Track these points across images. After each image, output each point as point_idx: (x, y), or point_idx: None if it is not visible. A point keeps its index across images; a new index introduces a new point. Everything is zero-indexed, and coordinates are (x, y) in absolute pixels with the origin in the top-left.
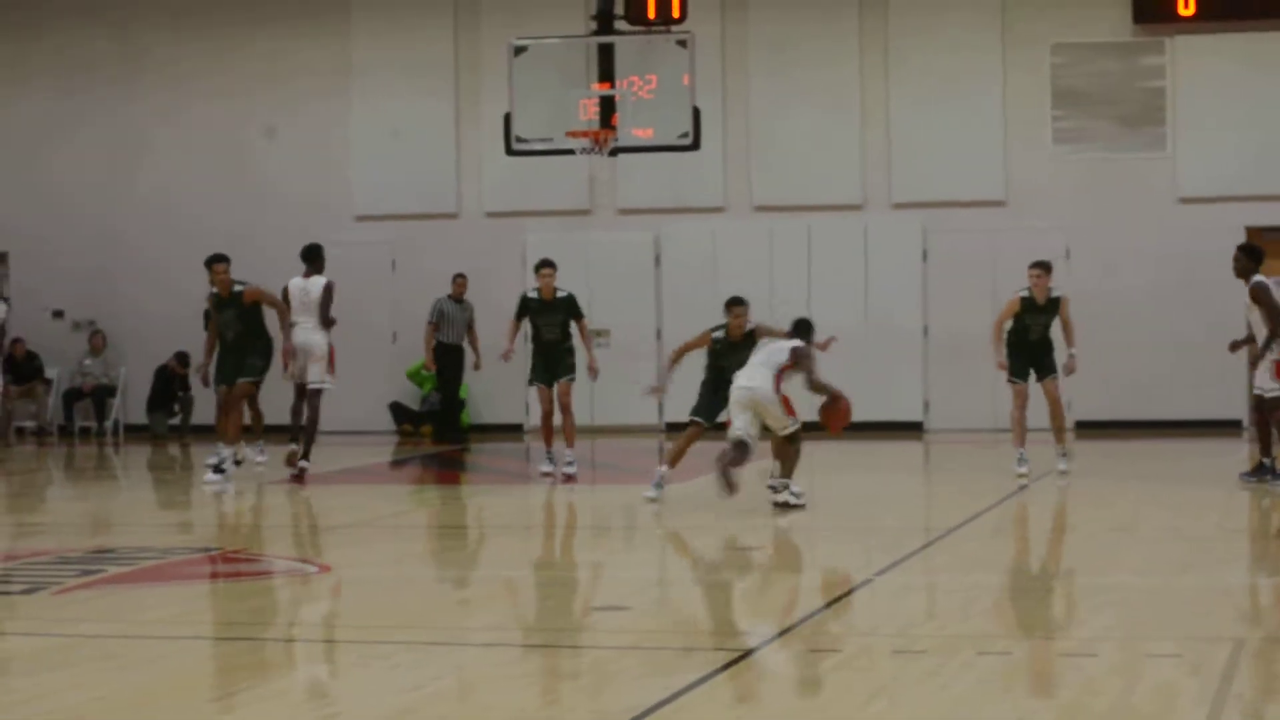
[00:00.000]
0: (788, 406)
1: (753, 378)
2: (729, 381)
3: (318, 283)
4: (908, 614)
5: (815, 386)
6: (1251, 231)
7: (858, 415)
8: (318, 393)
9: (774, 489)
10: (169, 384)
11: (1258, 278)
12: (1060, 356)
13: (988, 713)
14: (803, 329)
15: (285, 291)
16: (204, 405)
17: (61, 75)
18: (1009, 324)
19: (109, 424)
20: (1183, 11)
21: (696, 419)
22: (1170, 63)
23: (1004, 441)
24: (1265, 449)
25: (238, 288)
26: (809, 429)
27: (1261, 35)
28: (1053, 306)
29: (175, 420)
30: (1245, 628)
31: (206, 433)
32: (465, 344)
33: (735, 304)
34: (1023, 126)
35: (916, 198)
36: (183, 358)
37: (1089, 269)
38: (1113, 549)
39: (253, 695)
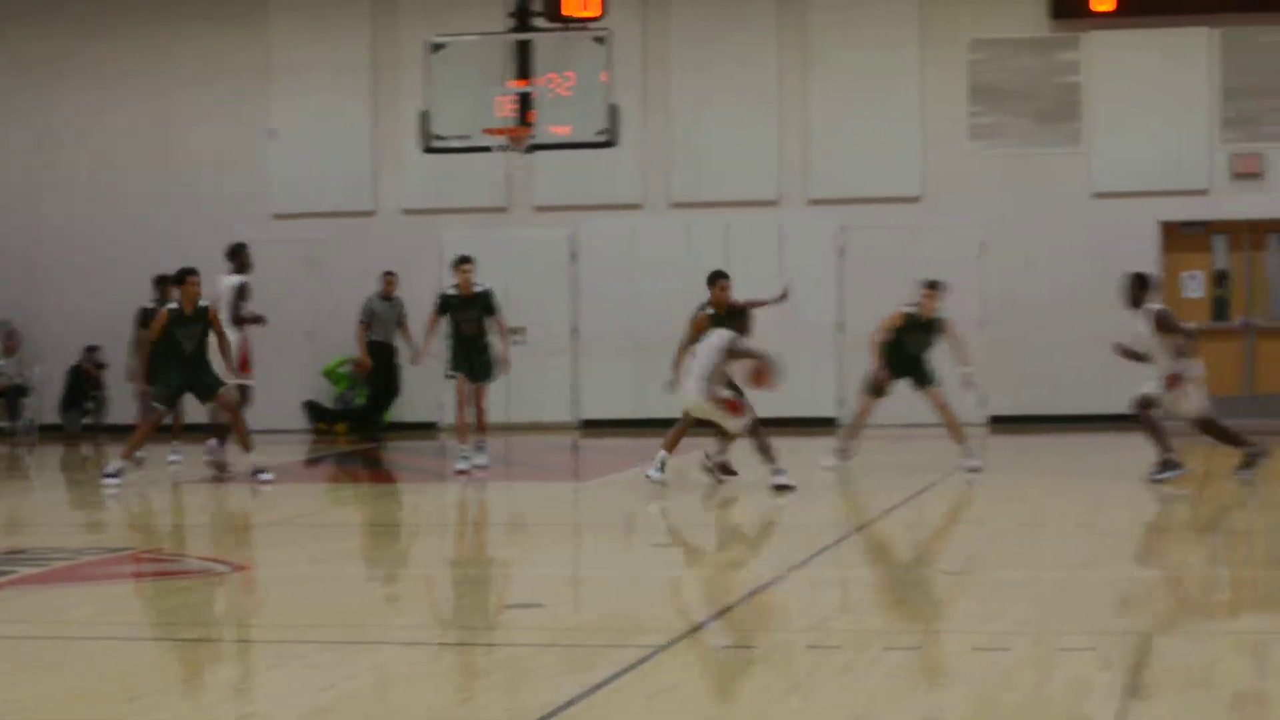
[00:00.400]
0: (733, 408)
1: (688, 389)
2: None
3: (230, 281)
4: (821, 609)
5: (749, 357)
6: (1166, 226)
7: (773, 411)
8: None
9: (709, 466)
10: (82, 383)
11: (1158, 305)
12: (946, 367)
13: (901, 707)
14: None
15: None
16: (118, 405)
17: None
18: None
19: (21, 423)
20: (1098, 7)
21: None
22: (1086, 58)
23: (919, 436)
24: (1164, 446)
25: (203, 304)
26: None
27: (1176, 30)
28: (934, 326)
29: (89, 419)
30: (1155, 621)
31: (121, 432)
32: (397, 342)
33: (719, 276)
34: (939, 123)
35: (833, 194)
36: (93, 353)
37: (1005, 264)
38: (1024, 543)
39: (169, 696)
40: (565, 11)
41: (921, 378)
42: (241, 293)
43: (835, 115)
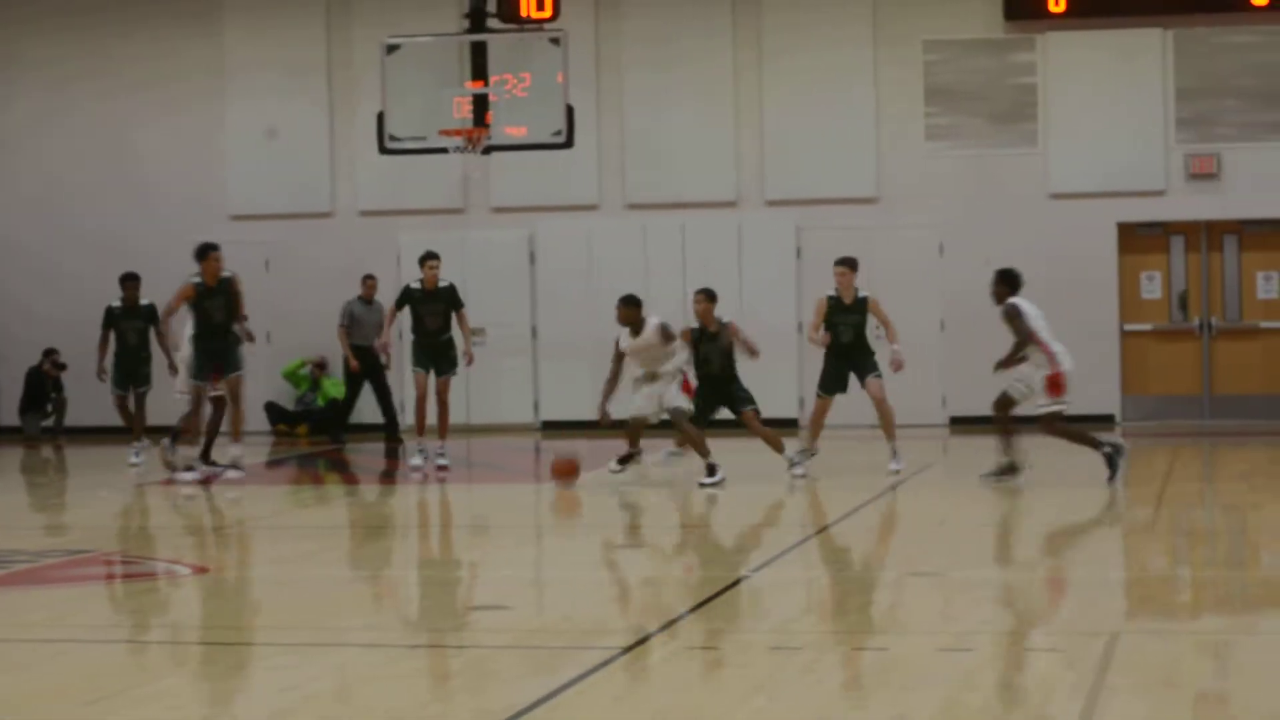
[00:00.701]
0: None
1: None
2: (712, 375)
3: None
4: (784, 610)
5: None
6: (1123, 227)
7: (731, 413)
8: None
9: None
10: (41, 385)
11: (1011, 300)
12: (884, 358)
13: (865, 708)
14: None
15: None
16: (77, 407)
17: None
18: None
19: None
20: (1053, 8)
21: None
22: (1041, 59)
23: (881, 437)
24: (1008, 446)
25: (225, 274)
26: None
27: (1131, 31)
28: (860, 306)
29: (48, 422)
30: (1120, 621)
31: (79, 435)
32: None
33: (697, 292)
34: (895, 123)
35: (790, 195)
36: (52, 356)
37: (962, 266)
38: (987, 544)
39: (130, 699)
40: (521, 13)
41: (863, 369)
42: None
43: (791, 116)
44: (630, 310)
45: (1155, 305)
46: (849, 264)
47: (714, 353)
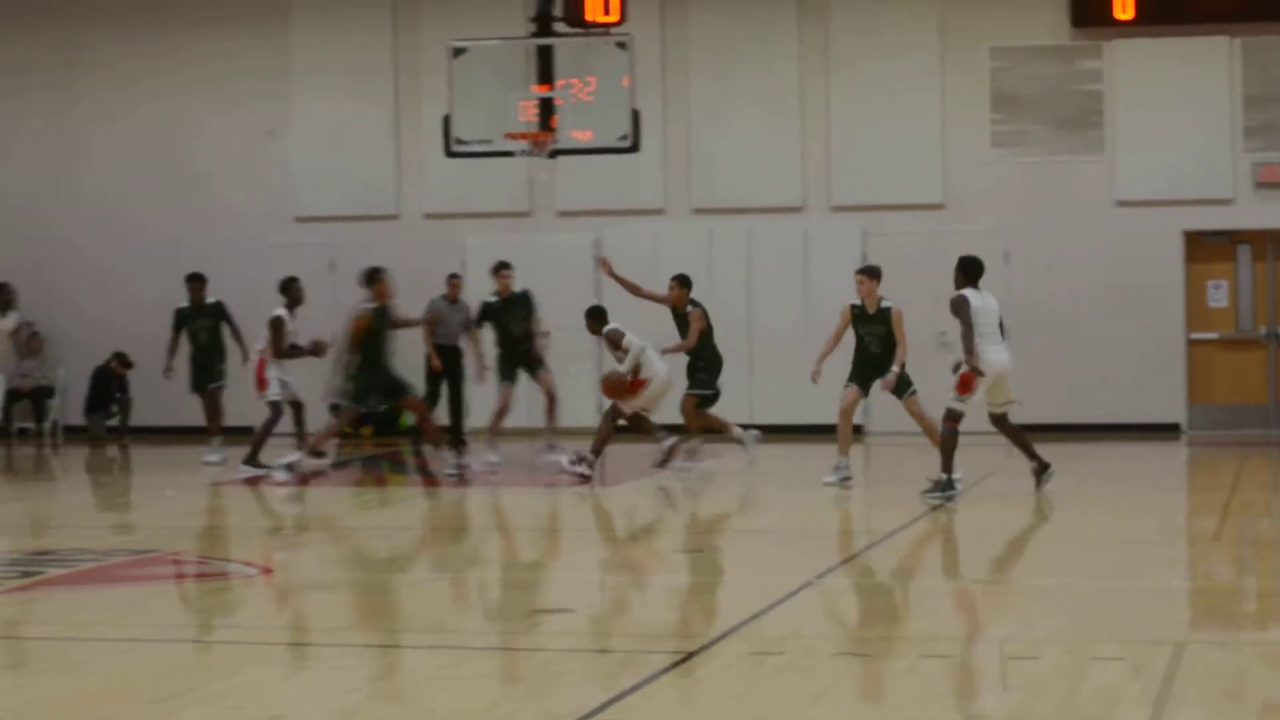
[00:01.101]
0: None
1: None
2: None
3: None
4: (850, 616)
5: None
6: (1189, 235)
7: (800, 418)
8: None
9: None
10: (108, 385)
11: (961, 291)
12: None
13: (930, 716)
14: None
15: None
16: (142, 407)
17: (4, 76)
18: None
19: (47, 425)
20: (1120, 15)
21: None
22: (1108, 66)
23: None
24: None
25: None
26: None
27: (1199, 39)
28: (883, 317)
29: (114, 421)
30: (1186, 630)
31: (144, 434)
32: (463, 345)
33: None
34: (961, 130)
35: (855, 200)
36: (123, 358)
37: (1027, 272)
38: (1054, 552)
39: (193, 698)
40: (587, 17)
41: (896, 386)
42: (276, 325)
43: (857, 121)
44: (593, 324)
45: (1221, 314)
46: (868, 273)
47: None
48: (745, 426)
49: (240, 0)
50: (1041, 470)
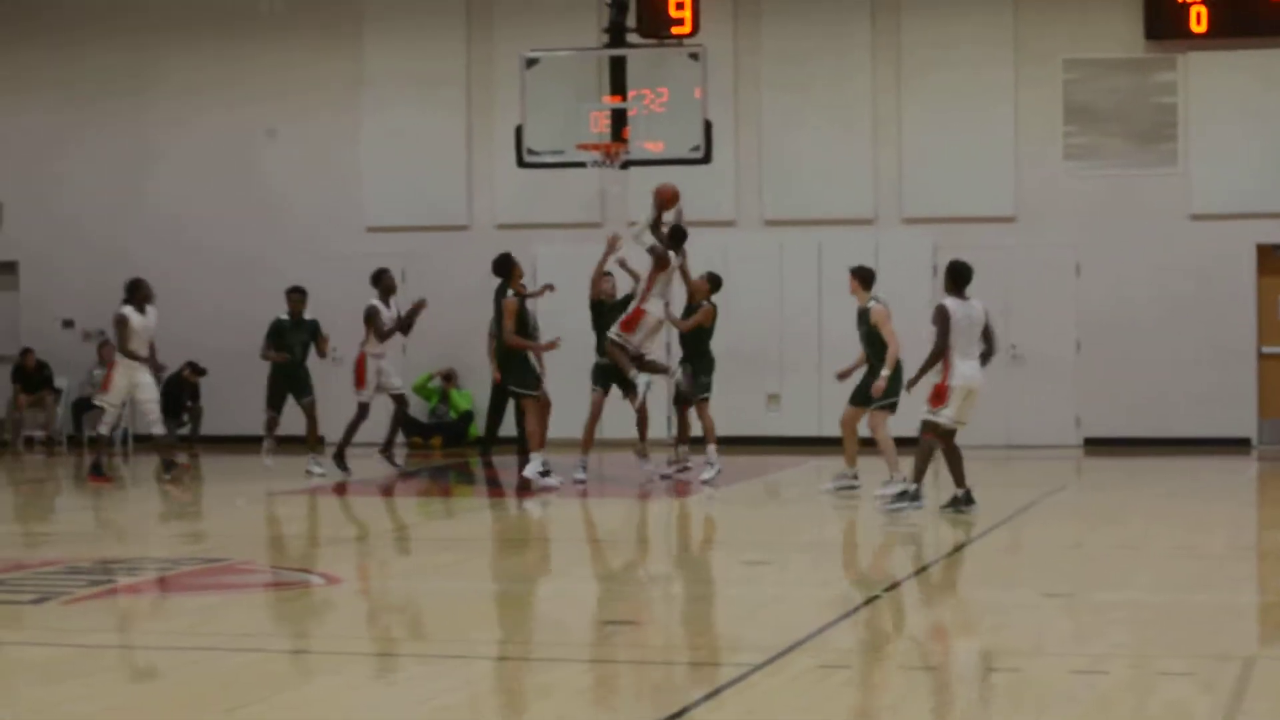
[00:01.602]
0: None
1: None
2: None
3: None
4: (918, 630)
5: None
6: (1262, 249)
7: (867, 430)
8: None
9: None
10: (179, 393)
11: (942, 302)
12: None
13: None
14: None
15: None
16: (212, 415)
17: (73, 86)
18: None
19: (118, 433)
20: (1195, 28)
21: None
22: (1182, 79)
23: (1014, 458)
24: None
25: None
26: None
27: (1273, 52)
28: (864, 317)
29: (184, 430)
30: (1256, 646)
31: (215, 443)
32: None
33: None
34: (1034, 142)
35: (927, 213)
36: (195, 366)
37: (1099, 285)
38: (1123, 566)
39: (263, 708)
40: (660, 28)
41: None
42: (372, 315)
43: (929, 133)
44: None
45: None
46: (852, 272)
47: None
48: (800, 440)
49: (312, 10)
50: (965, 500)
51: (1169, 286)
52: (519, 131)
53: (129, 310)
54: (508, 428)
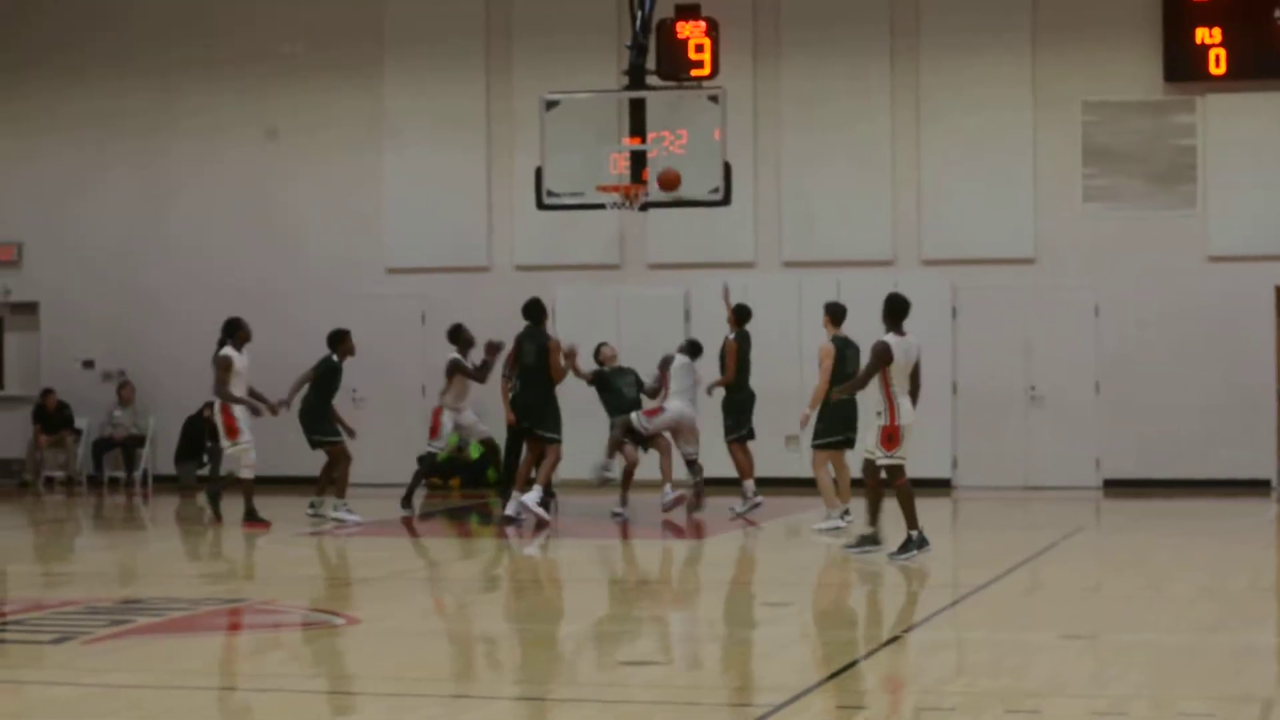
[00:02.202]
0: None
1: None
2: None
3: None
4: (936, 670)
5: None
6: None
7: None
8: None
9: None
10: (199, 434)
11: (882, 339)
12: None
13: None
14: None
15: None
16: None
17: (95, 124)
18: None
19: (138, 474)
20: (1214, 70)
21: None
22: (1201, 121)
23: (1033, 499)
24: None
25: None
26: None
27: None
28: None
29: (204, 470)
30: (1276, 688)
31: (234, 484)
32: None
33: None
34: (1053, 184)
35: (947, 254)
36: (212, 405)
37: (1118, 326)
38: (1143, 607)
39: None
40: (679, 70)
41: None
42: (455, 368)
43: (948, 175)
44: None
45: None
46: (826, 309)
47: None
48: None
49: (333, 50)
50: (872, 540)
51: (1188, 327)
52: (539, 173)
53: (230, 351)
54: None
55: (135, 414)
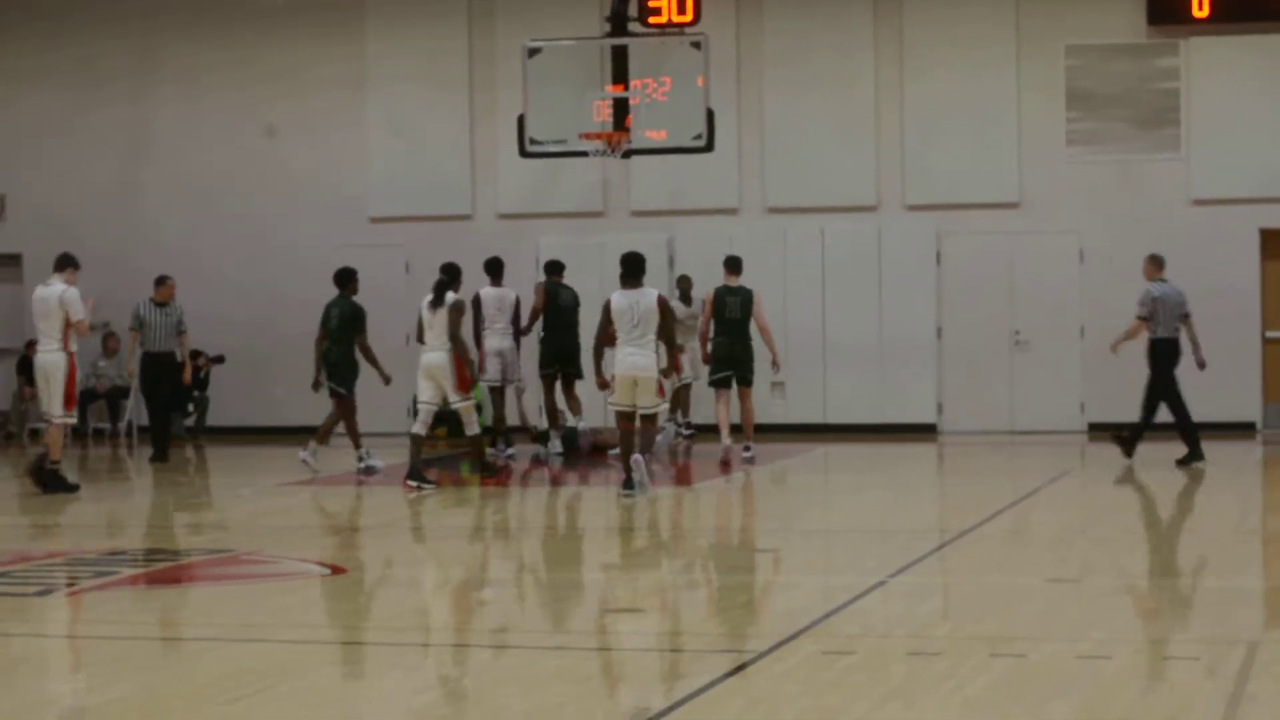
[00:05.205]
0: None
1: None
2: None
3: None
4: (922, 616)
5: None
6: (1266, 233)
7: (871, 417)
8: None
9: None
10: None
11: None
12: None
13: (1002, 715)
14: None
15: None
16: (218, 406)
17: (75, 76)
18: None
19: (122, 425)
20: (1197, 13)
21: None
22: (1184, 64)
23: (1019, 444)
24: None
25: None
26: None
27: (1275, 37)
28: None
29: (190, 421)
30: (1261, 630)
31: (221, 434)
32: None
33: None
34: (1036, 128)
35: (930, 200)
36: (207, 356)
37: (1102, 271)
38: (1127, 551)
39: (267, 698)
40: (662, 17)
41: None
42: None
43: (932, 120)
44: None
45: None
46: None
47: None
48: (805, 427)
49: (315, 3)
50: (628, 485)
51: (1172, 271)
52: (521, 121)
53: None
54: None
55: (120, 365)
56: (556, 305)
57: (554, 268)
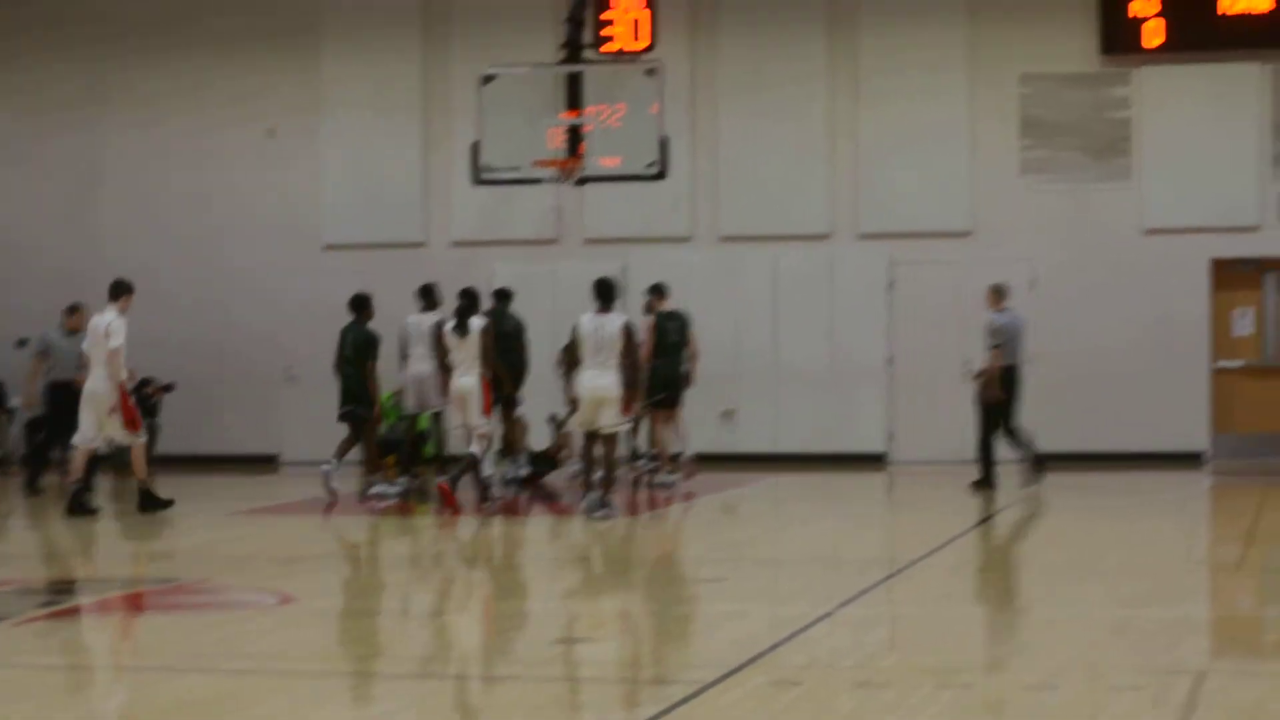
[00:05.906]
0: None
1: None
2: None
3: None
4: (870, 646)
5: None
6: (1218, 263)
7: (822, 446)
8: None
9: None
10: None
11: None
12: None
13: None
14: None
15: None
16: (169, 434)
17: (29, 106)
18: None
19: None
20: (1149, 43)
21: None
22: (1137, 94)
23: (969, 473)
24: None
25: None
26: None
27: (1227, 67)
28: None
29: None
30: (1206, 660)
31: (172, 463)
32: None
33: None
34: (990, 157)
35: (883, 228)
36: (150, 383)
37: (1054, 299)
38: (1073, 581)
39: None
40: (616, 44)
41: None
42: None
43: (885, 149)
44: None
45: (1247, 342)
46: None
47: None
48: (756, 456)
49: (270, 27)
50: (599, 506)
51: (1124, 301)
52: (475, 148)
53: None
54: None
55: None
56: (500, 331)
57: (500, 295)
